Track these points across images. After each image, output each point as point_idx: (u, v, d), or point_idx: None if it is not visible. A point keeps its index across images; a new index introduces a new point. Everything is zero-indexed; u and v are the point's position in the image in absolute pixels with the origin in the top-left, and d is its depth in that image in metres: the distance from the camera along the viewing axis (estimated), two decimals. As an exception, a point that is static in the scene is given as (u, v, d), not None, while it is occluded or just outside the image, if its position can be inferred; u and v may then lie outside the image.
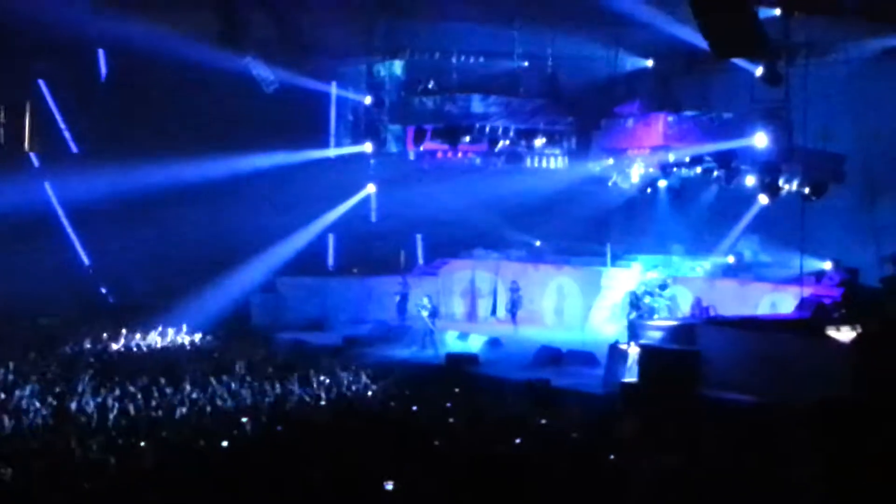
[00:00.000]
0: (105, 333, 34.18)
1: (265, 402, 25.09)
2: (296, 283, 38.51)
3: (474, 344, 32.90)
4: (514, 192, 38.73)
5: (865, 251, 31.81)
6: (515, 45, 36.94)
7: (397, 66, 36.91)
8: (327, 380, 27.61)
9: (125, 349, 33.25)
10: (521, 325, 37.12)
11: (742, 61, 30.36)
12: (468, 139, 36.03)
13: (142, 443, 20.31)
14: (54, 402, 24.35)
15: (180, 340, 34.67)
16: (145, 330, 34.88)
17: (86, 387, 25.82)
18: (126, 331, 34.63)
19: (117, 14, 34.93)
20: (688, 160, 34.27)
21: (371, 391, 26.83)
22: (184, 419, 23.07)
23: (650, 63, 39.26)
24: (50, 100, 41.12)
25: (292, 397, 25.65)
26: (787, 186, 32.42)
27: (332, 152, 39.98)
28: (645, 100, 36.50)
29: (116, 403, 24.23)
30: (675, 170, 35.05)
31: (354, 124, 38.85)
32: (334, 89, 39.60)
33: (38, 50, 38.24)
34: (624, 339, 27.97)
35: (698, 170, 34.63)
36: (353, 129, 38.85)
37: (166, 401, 24.71)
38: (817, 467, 16.99)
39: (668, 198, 37.44)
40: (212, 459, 19.25)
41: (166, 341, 34.45)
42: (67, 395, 24.90)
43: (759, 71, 29.67)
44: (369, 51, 37.82)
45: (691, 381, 24.49)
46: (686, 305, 33.53)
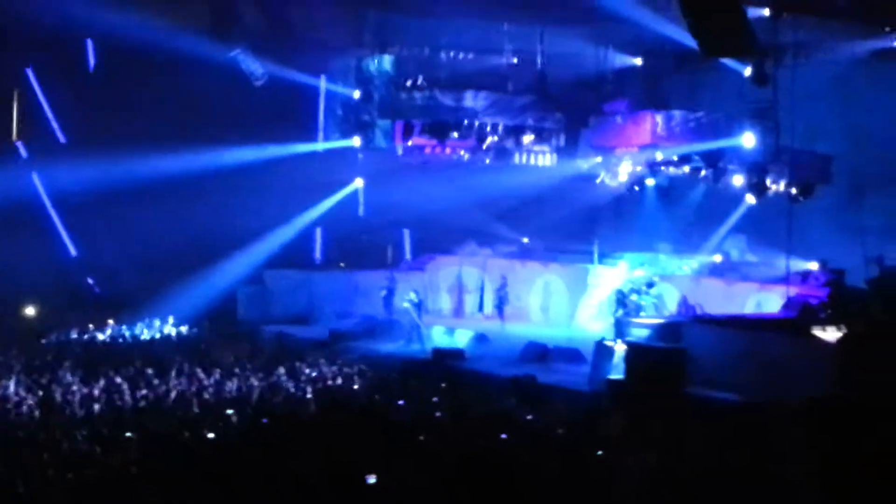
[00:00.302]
0: (91, 324, 34.21)
1: (251, 394, 25.10)
2: (282, 276, 38.53)
3: (461, 339, 32.88)
4: (502, 188, 38.76)
5: (852, 252, 31.89)
6: (505, 41, 36.92)
7: (386, 61, 36.79)
8: (313, 373, 27.66)
9: (111, 340, 33.26)
10: (508, 321, 37.15)
11: (730, 61, 30.44)
12: (456, 135, 36.03)
13: (127, 434, 20.30)
14: (40, 392, 24.34)
15: (167, 332, 34.68)
16: (132, 321, 34.88)
17: (72, 378, 25.82)
18: (112, 322, 34.63)
19: (107, 4, 34.84)
20: (676, 159, 34.38)
21: (357, 385, 26.84)
22: (170, 411, 23.06)
23: (639, 61, 39.28)
24: (38, 90, 41.00)
25: (278, 390, 25.64)
26: (774, 186, 32.56)
27: (320, 146, 39.89)
28: (633, 98, 36.59)
29: (103, 394, 24.23)
30: (662, 168, 35.16)
31: (343, 118, 38.71)
32: (323, 83, 39.52)
33: (26, 40, 38.12)
34: (610, 336, 28.06)
35: (686, 169, 34.73)
36: (342, 123, 38.72)
37: (152, 392, 24.71)
38: (805, 465, 17.08)
39: (655, 196, 37.52)
40: (197, 451, 19.26)
41: (153, 333, 34.45)
42: (53, 386, 24.89)
43: (748, 71, 29.75)
44: (359, 45, 37.72)
45: (677, 379, 24.53)
46: (673, 304, 33.60)
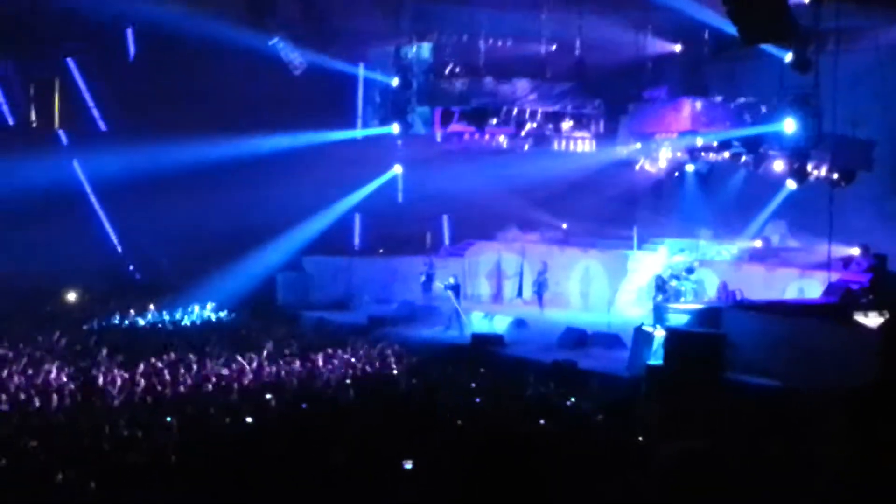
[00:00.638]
0: (132, 310, 34.42)
1: (290, 380, 25.21)
2: (322, 262, 38.65)
3: (500, 325, 32.88)
4: (541, 174, 38.67)
5: (894, 237, 31.63)
6: (543, 28, 36.83)
7: (425, 49, 36.80)
8: (352, 359, 27.74)
9: (152, 326, 33.47)
10: (547, 307, 37.12)
11: (771, 47, 30.20)
12: (495, 122, 36.06)
13: (168, 418, 20.44)
14: (81, 377, 24.54)
15: (206, 318, 34.88)
16: (172, 307, 35.09)
17: (112, 363, 26.01)
18: (153, 307, 34.85)
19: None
20: (716, 145, 34.21)
21: (395, 371, 26.91)
22: (209, 396, 23.20)
23: (678, 48, 39.04)
24: (79, 78, 41.30)
25: (317, 376, 25.74)
26: (815, 172, 32.28)
27: (359, 133, 40.01)
28: (673, 84, 36.40)
29: (143, 380, 24.40)
30: (702, 154, 35.01)
31: (381, 106, 38.79)
32: (362, 71, 39.61)
33: (67, 29, 38.38)
34: (649, 321, 27.94)
35: (726, 154, 34.54)
36: (381, 110, 38.81)
37: (192, 377, 24.86)
38: (845, 453, 16.98)
39: (695, 182, 37.32)
40: (237, 437, 19.38)
41: (193, 319, 34.64)
42: (94, 371, 25.09)
43: (788, 57, 29.46)
44: (397, 33, 37.76)
45: (716, 365, 24.45)
46: (712, 289, 33.39)
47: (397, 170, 41.03)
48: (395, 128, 37.37)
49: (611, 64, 38.04)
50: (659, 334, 26.18)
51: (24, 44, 38.68)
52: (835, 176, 32.19)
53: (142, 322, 33.77)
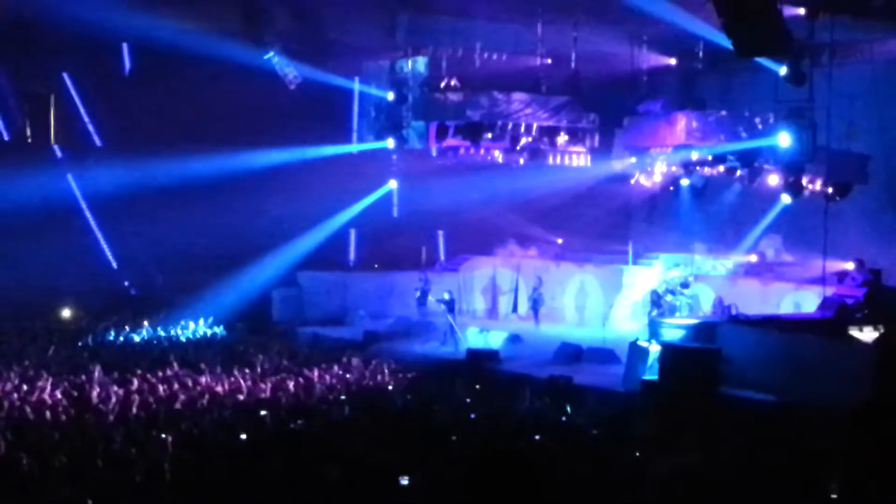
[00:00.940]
0: (127, 326, 34.36)
1: (285, 395, 25.15)
2: (317, 277, 38.61)
3: (495, 340, 32.87)
4: (536, 189, 38.69)
5: (889, 252, 31.64)
6: (539, 42, 36.83)
7: (420, 63, 36.77)
8: (347, 374, 27.69)
9: (147, 341, 33.39)
10: (542, 322, 37.09)
11: (766, 60, 30.21)
12: (490, 136, 35.99)
13: (162, 434, 20.38)
14: (75, 394, 24.47)
15: (202, 333, 34.81)
16: (167, 323, 35.02)
17: (107, 379, 25.94)
18: (148, 323, 34.79)
19: (141, 8, 35.00)
20: (710, 159, 34.21)
21: (391, 386, 26.85)
22: (204, 412, 23.13)
23: (673, 61, 39.12)
24: (74, 93, 41.25)
25: (312, 392, 25.69)
26: (810, 186, 32.32)
27: (354, 148, 39.98)
28: (668, 98, 36.40)
29: (137, 396, 24.34)
30: (697, 168, 35.01)
31: (377, 120, 38.74)
32: (357, 85, 39.58)
33: (62, 44, 38.31)
34: (645, 336, 27.92)
35: (721, 168, 34.57)
36: (376, 124, 38.75)
37: (187, 394, 24.79)
38: (841, 469, 16.96)
39: (690, 196, 37.30)
40: (231, 453, 19.32)
41: (188, 334, 34.57)
42: (89, 387, 25.02)
43: (783, 70, 29.48)
44: (392, 47, 37.74)
45: (712, 380, 24.40)
46: (707, 304, 33.39)
47: (392, 185, 41.04)
48: (391, 142, 37.34)
49: (606, 78, 38.08)
50: (654, 349, 26.14)
51: (20, 59, 38.61)
52: (830, 190, 32.23)
53: (136, 337, 33.67)
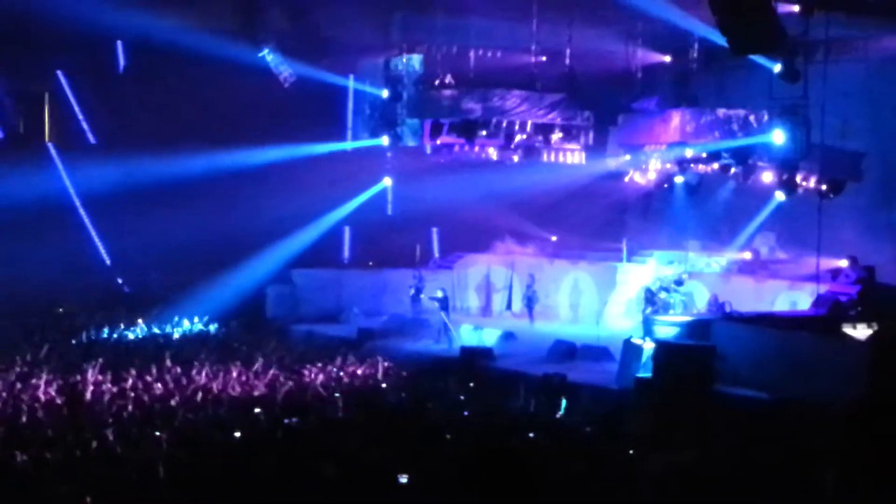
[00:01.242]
0: (121, 323, 34.33)
1: (280, 393, 25.14)
2: (311, 275, 38.57)
3: (489, 338, 32.84)
4: (531, 186, 38.68)
5: (883, 249, 31.69)
6: (533, 39, 36.83)
7: (415, 60, 36.77)
8: (341, 372, 27.69)
9: (141, 339, 33.37)
10: (537, 319, 37.10)
11: (760, 58, 30.23)
12: (485, 133, 35.99)
13: (156, 432, 20.38)
14: (69, 391, 24.44)
15: (196, 331, 34.79)
16: (161, 320, 35.00)
17: (101, 377, 25.92)
18: (142, 321, 34.76)
19: (136, 6, 35.02)
20: (705, 156, 34.20)
21: (385, 384, 26.85)
22: (198, 409, 23.11)
23: (668, 59, 39.12)
24: (69, 91, 41.25)
25: (306, 389, 25.68)
26: (804, 183, 32.34)
27: (348, 145, 40.01)
28: (662, 95, 36.38)
29: (132, 393, 24.33)
30: (692, 166, 35.01)
31: (371, 117, 38.78)
32: (352, 83, 39.61)
33: (57, 42, 38.31)
34: (639, 334, 27.93)
35: (715, 166, 34.56)
36: (370, 122, 38.79)
37: (181, 391, 24.77)
38: (835, 465, 16.98)
39: (684, 193, 37.25)
40: (226, 450, 19.32)
41: (182, 332, 34.55)
42: (83, 385, 25.00)
43: (778, 68, 29.53)
44: (387, 45, 37.76)
45: (706, 377, 24.43)
46: (702, 301, 33.43)
47: (387, 182, 41.05)
48: (385, 140, 37.38)
49: (600, 75, 38.05)
50: (648, 347, 26.15)
51: (14, 57, 38.60)
52: (824, 187, 32.24)
53: (131, 335, 33.65)
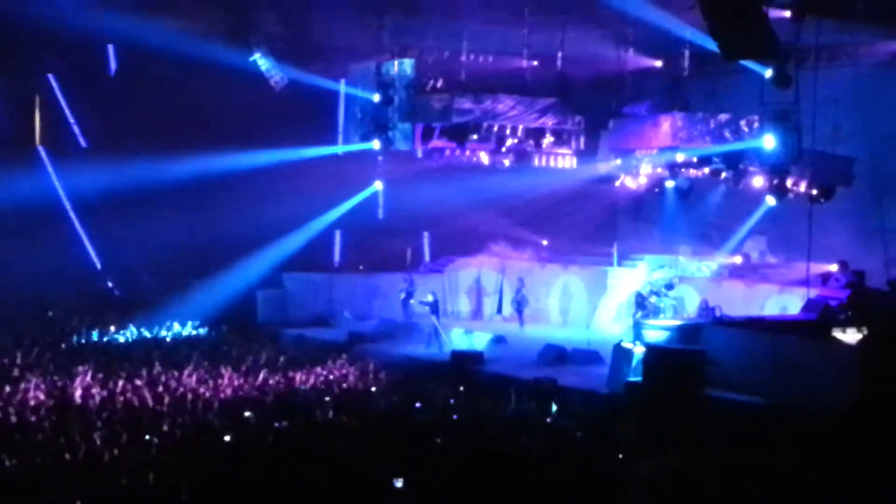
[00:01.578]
0: (111, 326, 34.27)
1: (270, 397, 25.12)
2: (302, 278, 38.59)
3: (479, 342, 32.84)
4: (522, 191, 38.70)
5: (873, 254, 31.75)
6: (525, 43, 36.83)
7: (406, 65, 36.74)
8: (332, 376, 27.67)
9: (131, 342, 33.31)
10: (527, 323, 37.11)
11: (751, 63, 30.27)
12: (476, 138, 35.97)
13: (146, 436, 20.35)
14: (59, 394, 24.41)
15: (186, 334, 34.74)
16: (151, 323, 34.93)
17: (91, 380, 25.88)
18: (132, 324, 34.70)
19: (126, 10, 34.97)
20: (696, 161, 34.21)
21: (375, 388, 26.83)
22: (189, 413, 23.08)
23: (659, 63, 39.15)
24: (59, 95, 41.20)
25: (297, 393, 25.66)
26: (795, 188, 32.37)
27: (339, 149, 39.92)
28: (654, 100, 36.40)
29: (122, 397, 24.29)
30: (682, 170, 35.00)
31: (362, 122, 38.70)
32: (343, 87, 39.53)
33: (47, 45, 38.28)
34: (629, 338, 27.92)
35: (706, 170, 34.52)
36: (362, 126, 38.70)
37: (171, 395, 24.74)
38: (826, 469, 17.00)
39: (675, 198, 37.28)
40: (216, 454, 19.29)
41: (172, 335, 34.50)
42: (73, 388, 24.96)
43: (769, 73, 29.55)
44: (378, 49, 37.73)
45: (696, 382, 24.43)
46: (692, 306, 33.45)
47: (378, 186, 41.00)
48: (376, 144, 37.29)
49: (592, 79, 38.09)
50: (638, 351, 26.15)
51: (5, 60, 38.57)
52: (814, 192, 32.27)
53: (121, 339, 33.61)
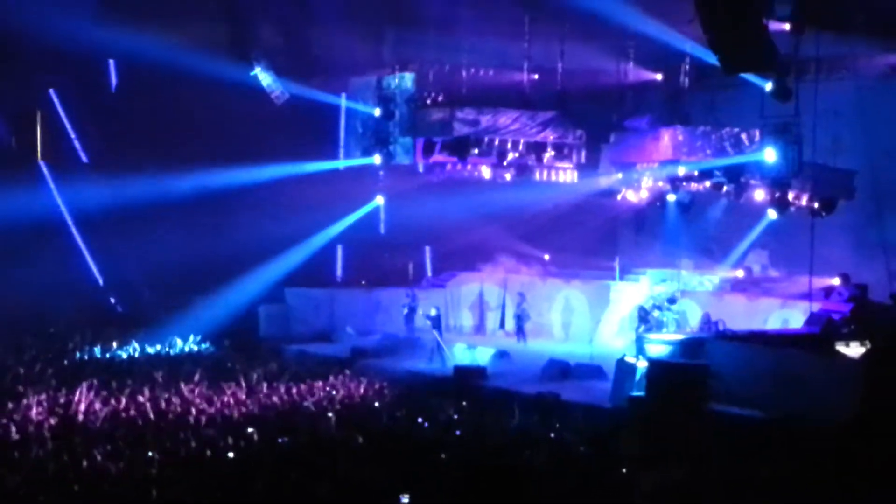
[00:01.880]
0: (114, 342, 34.24)
1: (272, 413, 25.08)
2: (304, 294, 38.51)
3: (482, 357, 32.76)
4: (523, 205, 38.71)
5: (875, 267, 31.71)
6: (525, 57, 36.87)
7: (407, 79, 36.75)
8: (334, 391, 27.63)
9: (134, 358, 33.28)
10: (530, 338, 37.04)
11: (752, 76, 30.31)
12: (477, 152, 35.92)
13: (149, 452, 20.32)
14: (62, 410, 24.38)
15: (188, 350, 34.71)
16: (154, 339, 34.90)
17: (94, 396, 25.85)
18: (135, 340, 34.66)
19: (127, 25, 35.03)
20: (697, 174, 34.24)
21: (378, 403, 26.79)
22: (191, 429, 23.04)
23: (660, 77, 39.17)
24: (60, 110, 41.25)
25: (300, 409, 25.62)
26: (796, 202, 32.40)
27: (341, 164, 39.91)
28: (654, 114, 36.45)
29: (123, 413, 24.26)
30: (684, 184, 35.02)
31: (364, 136, 38.71)
32: (344, 101, 39.54)
33: (48, 60, 38.35)
34: (632, 352, 27.92)
35: (707, 184, 34.59)
36: (363, 140, 38.72)
37: (174, 410, 24.71)
38: (829, 483, 16.97)
39: (677, 212, 37.30)
40: (219, 470, 19.27)
41: (174, 351, 34.47)
42: (75, 404, 24.92)
43: (769, 86, 29.59)
44: (379, 63, 37.77)
45: (699, 396, 24.36)
46: (695, 320, 33.41)
47: (379, 201, 40.98)
48: (377, 158, 37.28)
49: (592, 93, 38.11)
50: (641, 365, 26.13)
51: (6, 76, 38.62)
52: (815, 205, 32.32)
53: (123, 355, 33.57)
